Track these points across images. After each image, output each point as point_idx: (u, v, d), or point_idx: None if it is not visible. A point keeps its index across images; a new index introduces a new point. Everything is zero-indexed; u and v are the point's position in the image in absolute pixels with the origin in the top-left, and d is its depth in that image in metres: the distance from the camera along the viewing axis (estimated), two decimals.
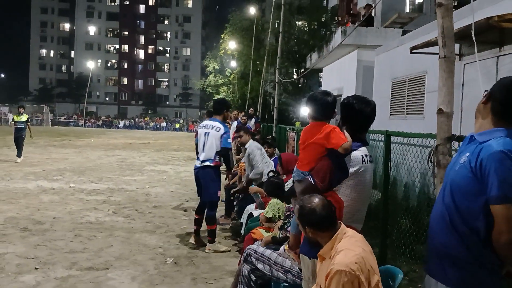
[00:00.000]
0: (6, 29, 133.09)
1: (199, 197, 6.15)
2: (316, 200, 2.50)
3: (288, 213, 4.14)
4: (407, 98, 9.29)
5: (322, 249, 2.50)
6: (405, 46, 8.86)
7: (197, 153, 6.09)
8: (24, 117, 15.26)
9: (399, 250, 4.56)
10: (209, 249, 5.84)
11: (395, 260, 4.37)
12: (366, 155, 2.82)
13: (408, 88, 9.27)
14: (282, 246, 3.69)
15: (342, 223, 2.55)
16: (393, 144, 4.56)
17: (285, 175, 5.11)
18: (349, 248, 2.38)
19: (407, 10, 12.41)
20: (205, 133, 5.92)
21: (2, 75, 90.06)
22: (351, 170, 2.74)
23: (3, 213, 7.50)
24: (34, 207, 8.12)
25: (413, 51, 7.87)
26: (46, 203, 8.48)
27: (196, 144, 6.29)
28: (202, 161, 5.87)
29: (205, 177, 5.87)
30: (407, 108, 9.23)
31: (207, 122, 6.11)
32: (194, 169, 6.06)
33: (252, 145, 6.70)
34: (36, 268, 4.97)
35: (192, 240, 6.10)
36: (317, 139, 2.79)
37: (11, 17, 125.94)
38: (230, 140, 5.96)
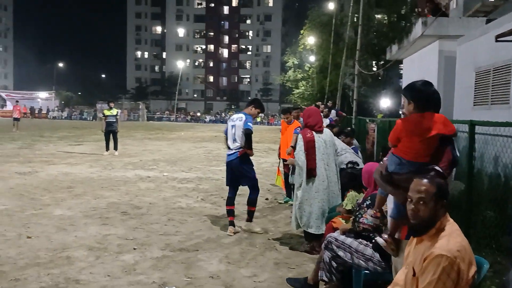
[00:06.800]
0: (105, 34, 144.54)
1: (228, 187, 6.39)
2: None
3: (361, 204, 4.08)
4: (492, 88, 8.91)
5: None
6: (490, 34, 8.46)
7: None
8: (114, 111, 15.36)
9: (483, 241, 4.43)
10: (246, 228, 6.26)
11: (479, 251, 4.17)
12: None
13: (492, 78, 8.94)
14: (379, 239, 3.18)
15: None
16: (477, 135, 4.42)
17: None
18: (452, 235, 2.34)
19: None
20: (232, 125, 6.27)
21: (103, 76, 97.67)
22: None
23: (106, 199, 8.18)
24: (133, 193, 8.80)
25: (498, 39, 7.63)
26: (143, 190, 9.18)
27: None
28: (235, 151, 6.16)
29: (242, 165, 6.17)
30: (491, 98, 8.90)
31: (234, 115, 6.50)
32: (227, 160, 6.26)
33: None
34: (134, 249, 5.32)
35: (230, 231, 6.14)
36: (439, 130, 2.80)
37: (109, 23, 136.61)
38: (250, 123, 6.15)
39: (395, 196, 2.99)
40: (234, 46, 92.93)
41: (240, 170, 6.21)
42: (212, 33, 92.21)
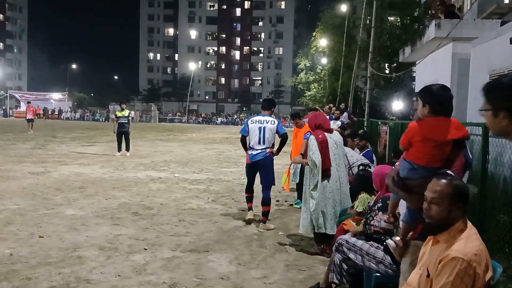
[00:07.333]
0: (118, 36, 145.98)
1: (248, 181, 6.90)
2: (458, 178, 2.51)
3: (372, 206, 4.07)
4: None
5: (442, 233, 2.42)
6: (504, 37, 8.35)
7: (245, 144, 6.88)
8: (126, 113, 15.56)
9: (496, 245, 4.38)
10: (263, 228, 6.49)
11: (492, 255, 4.02)
12: None
13: None
14: (390, 241, 3.19)
15: None
16: (490, 138, 4.41)
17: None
18: (470, 238, 2.30)
19: (507, 0, 11.67)
20: (261, 127, 6.64)
21: (116, 77, 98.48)
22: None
23: (117, 199, 8.22)
24: (144, 194, 8.83)
25: None
26: (154, 191, 9.22)
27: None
28: (261, 151, 6.62)
29: (267, 165, 6.69)
30: None
31: (259, 117, 6.75)
32: (253, 160, 6.67)
33: None
34: (145, 249, 5.36)
35: (249, 216, 6.80)
36: (453, 135, 2.79)
37: (122, 25, 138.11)
38: (284, 128, 6.80)
39: (409, 201, 2.96)
40: (246, 48, 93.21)
41: (264, 168, 6.68)
42: (224, 35, 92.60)
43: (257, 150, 6.63)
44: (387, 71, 24.51)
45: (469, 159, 2.90)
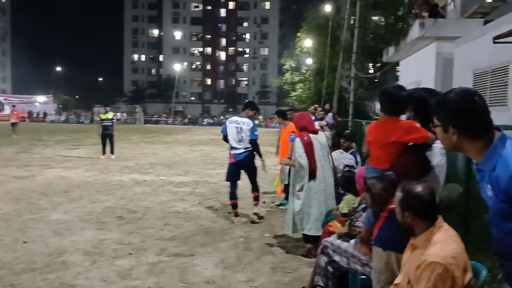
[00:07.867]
0: (103, 38, 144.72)
1: (230, 183, 7.08)
2: (423, 186, 2.41)
3: (356, 207, 4.10)
4: (490, 90, 8.98)
5: (417, 239, 2.40)
6: (488, 36, 8.50)
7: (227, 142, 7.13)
8: (110, 115, 15.53)
9: (481, 246, 4.32)
10: (256, 211, 7.05)
11: (477, 256, 4.08)
12: (442, 147, 2.76)
13: (490, 79, 8.98)
14: (353, 240, 3.61)
15: (440, 215, 2.44)
16: None
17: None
18: (446, 241, 2.28)
19: None
20: (238, 127, 6.95)
21: (100, 79, 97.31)
22: (435, 162, 2.74)
23: (102, 203, 8.13)
24: (129, 197, 8.76)
25: (496, 40, 7.66)
26: (139, 194, 9.14)
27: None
28: (245, 151, 6.92)
29: (251, 163, 7.03)
30: (489, 100, 8.91)
31: (236, 118, 7.03)
32: (238, 158, 6.93)
33: None
34: (130, 254, 5.32)
35: (238, 221, 6.97)
36: (399, 137, 2.71)
37: (107, 27, 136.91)
38: (256, 132, 7.03)
39: (366, 200, 2.98)
40: (231, 49, 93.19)
41: (248, 166, 7.02)
42: (209, 36, 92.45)
43: (239, 149, 6.90)
44: (371, 71, 24.68)
45: (427, 163, 2.75)
